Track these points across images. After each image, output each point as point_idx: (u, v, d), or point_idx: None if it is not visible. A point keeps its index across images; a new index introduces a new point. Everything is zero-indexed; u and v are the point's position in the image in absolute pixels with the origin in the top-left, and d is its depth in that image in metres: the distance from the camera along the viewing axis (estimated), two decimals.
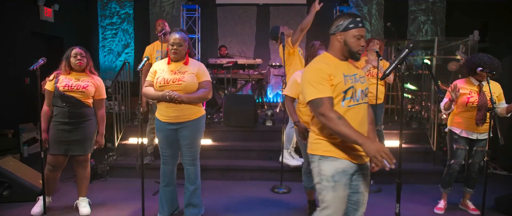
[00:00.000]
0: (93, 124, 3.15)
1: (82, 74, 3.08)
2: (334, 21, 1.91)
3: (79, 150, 3.07)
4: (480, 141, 3.17)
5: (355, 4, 7.60)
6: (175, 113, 2.71)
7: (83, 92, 3.02)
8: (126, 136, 4.91)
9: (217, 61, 6.22)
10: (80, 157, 3.12)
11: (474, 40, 5.22)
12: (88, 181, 3.27)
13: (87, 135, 3.08)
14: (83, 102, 3.04)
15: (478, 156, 3.20)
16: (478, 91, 3.09)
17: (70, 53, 3.04)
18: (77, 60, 3.01)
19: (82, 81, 3.04)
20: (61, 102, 2.98)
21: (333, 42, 1.92)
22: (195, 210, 2.95)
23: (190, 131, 2.77)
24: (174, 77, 2.68)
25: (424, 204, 3.54)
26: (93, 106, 3.14)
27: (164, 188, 2.97)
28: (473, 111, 3.09)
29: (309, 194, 3.20)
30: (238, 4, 7.79)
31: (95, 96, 3.13)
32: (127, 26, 7.88)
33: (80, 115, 3.03)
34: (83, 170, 3.19)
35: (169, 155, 2.89)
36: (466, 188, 3.33)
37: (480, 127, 3.10)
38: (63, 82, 2.99)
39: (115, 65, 7.87)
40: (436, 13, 7.55)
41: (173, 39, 2.69)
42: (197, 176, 2.91)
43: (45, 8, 6.04)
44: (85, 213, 3.17)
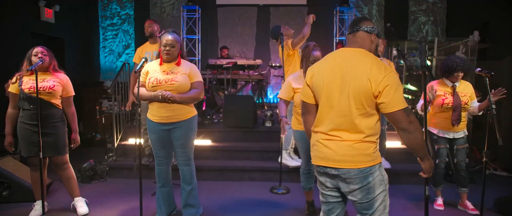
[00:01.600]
0: (63, 125, 3.03)
1: (46, 73, 2.96)
2: (366, 20, 1.83)
3: (52, 152, 2.97)
4: (457, 140, 3.28)
5: (355, 5, 7.60)
6: (167, 113, 2.71)
7: (50, 93, 2.91)
8: (126, 136, 4.92)
9: (217, 62, 6.22)
10: (56, 159, 3.02)
11: (474, 40, 5.21)
12: (74, 181, 3.18)
13: (58, 136, 2.97)
14: (51, 103, 2.94)
15: (461, 154, 3.29)
16: (452, 92, 3.19)
17: (31, 52, 2.92)
18: (38, 58, 2.87)
19: (47, 81, 2.91)
20: (28, 104, 2.85)
21: (366, 40, 1.81)
22: (193, 210, 2.95)
23: (182, 131, 2.77)
24: (167, 78, 2.69)
25: (423, 203, 3.52)
26: (62, 105, 3.03)
27: (160, 189, 2.98)
28: (449, 111, 3.19)
29: (307, 194, 3.20)
30: (238, 5, 7.80)
31: (63, 95, 3.01)
32: (128, 27, 7.90)
33: (49, 116, 2.92)
34: (64, 171, 3.10)
35: (163, 155, 2.90)
36: (460, 188, 3.37)
37: (456, 126, 3.21)
38: (27, 84, 2.86)
39: (115, 65, 7.89)
40: (436, 13, 7.55)
41: (165, 40, 2.70)
42: (192, 176, 2.91)
43: (46, 9, 6.06)
44: (83, 212, 3.15)
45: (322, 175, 1.86)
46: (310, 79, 1.85)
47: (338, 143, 1.74)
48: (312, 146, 1.87)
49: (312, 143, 1.87)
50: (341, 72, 1.74)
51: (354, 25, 1.83)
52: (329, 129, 1.76)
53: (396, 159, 4.41)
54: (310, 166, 3.03)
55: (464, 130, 3.30)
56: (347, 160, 1.73)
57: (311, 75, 1.85)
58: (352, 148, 1.72)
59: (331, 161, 1.76)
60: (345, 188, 1.79)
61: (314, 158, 1.86)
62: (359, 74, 1.69)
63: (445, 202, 3.46)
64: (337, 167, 1.75)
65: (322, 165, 1.80)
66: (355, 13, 7.53)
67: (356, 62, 1.73)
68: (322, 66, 1.84)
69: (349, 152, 1.73)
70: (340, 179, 1.78)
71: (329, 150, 1.76)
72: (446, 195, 3.52)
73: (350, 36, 1.85)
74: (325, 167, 1.79)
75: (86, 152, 5.27)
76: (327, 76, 1.78)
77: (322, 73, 1.80)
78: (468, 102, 3.20)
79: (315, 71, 1.84)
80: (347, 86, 1.71)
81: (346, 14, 7.53)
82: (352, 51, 1.80)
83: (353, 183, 1.75)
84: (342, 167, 1.74)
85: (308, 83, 1.87)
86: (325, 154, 1.78)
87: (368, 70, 1.68)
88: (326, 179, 1.85)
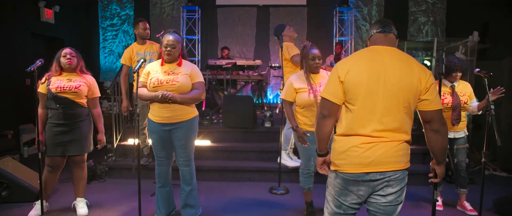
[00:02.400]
0: (88, 124, 3.14)
1: (73, 74, 3.07)
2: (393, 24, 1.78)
3: (75, 150, 3.06)
4: (458, 140, 3.28)
5: (355, 5, 7.60)
6: (168, 113, 2.72)
7: (76, 92, 3.01)
8: (125, 137, 4.92)
9: (217, 62, 6.23)
10: (76, 158, 3.11)
11: (474, 41, 5.20)
12: (85, 182, 3.27)
13: (82, 135, 3.08)
14: (77, 102, 3.04)
15: (461, 154, 3.29)
16: (451, 92, 3.20)
17: (60, 53, 3.03)
18: (67, 59, 3.00)
19: (74, 82, 3.03)
20: (55, 104, 2.96)
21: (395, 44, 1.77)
22: (192, 210, 2.95)
23: (183, 132, 2.78)
24: (168, 78, 2.69)
25: (422, 204, 3.53)
26: (87, 106, 3.14)
27: (160, 189, 2.98)
28: (448, 111, 3.19)
29: (306, 195, 3.20)
30: (238, 5, 7.81)
31: (89, 95, 3.12)
32: (128, 28, 7.91)
33: (74, 115, 3.03)
34: (80, 170, 3.18)
35: (163, 156, 2.90)
36: (459, 189, 3.36)
37: (456, 126, 3.21)
38: (55, 84, 2.97)
39: (115, 66, 7.90)
40: (436, 14, 7.55)
41: (166, 40, 2.69)
42: (192, 177, 2.91)
43: (45, 9, 6.07)
44: (82, 213, 3.17)
45: (357, 184, 1.67)
46: (345, 76, 1.65)
47: (387, 144, 1.63)
48: (346, 152, 1.67)
49: (346, 149, 1.67)
50: (385, 69, 1.64)
51: (385, 26, 1.74)
52: (373, 130, 1.63)
53: None
54: (310, 166, 3.03)
55: (464, 130, 3.30)
56: (395, 161, 1.65)
57: (347, 71, 1.65)
58: (399, 148, 1.65)
59: (378, 165, 1.63)
60: (380, 192, 1.67)
61: (354, 166, 1.65)
62: (407, 72, 1.64)
63: (444, 202, 3.46)
64: (384, 170, 1.63)
65: (367, 171, 1.64)
66: (355, 14, 7.54)
67: (400, 60, 1.66)
68: (357, 61, 1.68)
69: (397, 153, 1.64)
70: (379, 183, 1.66)
71: (376, 153, 1.62)
72: (445, 196, 3.52)
73: (381, 35, 1.73)
74: (368, 174, 1.64)
75: None
76: (365, 72, 1.64)
77: (359, 69, 1.65)
78: (468, 101, 3.22)
79: (350, 67, 1.66)
80: (392, 84, 1.62)
81: (346, 15, 7.53)
82: (390, 49, 1.71)
83: (394, 186, 1.67)
84: (389, 170, 1.64)
85: (342, 80, 1.65)
86: (371, 159, 1.62)
87: (415, 68, 1.65)
88: (359, 188, 1.68)
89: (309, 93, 2.87)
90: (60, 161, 3.08)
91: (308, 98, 2.86)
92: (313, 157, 3.00)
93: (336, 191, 1.74)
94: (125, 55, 4.07)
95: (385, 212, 1.70)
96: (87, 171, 4.10)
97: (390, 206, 1.69)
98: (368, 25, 7.70)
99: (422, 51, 7.39)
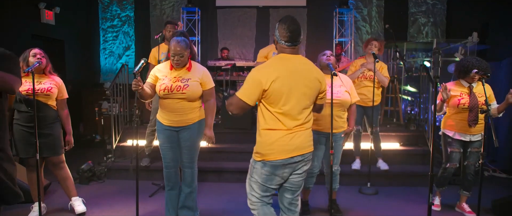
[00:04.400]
0: (59, 125, 3.07)
1: (42, 76, 2.99)
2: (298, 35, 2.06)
3: (49, 152, 3.00)
4: (473, 143, 3.18)
5: (355, 6, 7.60)
6: (178, 117, 2.72)
7: (48, 95, 2.94)
8: (124, 138, 4.94)
9: (216, 63, 6.24)
10: (53, 159, 3.05)
11: (473, 42, 5.20)
12: (71, 180, 3.20)
13: (55, 137, 3.01)
14: (48, 105, 2.97)
15: (473, 157, 3.20)
16: (469, 92, 3.13)
17: (28, 53, 2.92)
18: (37, 59, 2.88)
19: (44, 84, 2.95)
20: (26, 106, 2.86)
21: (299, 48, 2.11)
22: (190, 212, 2.94)
23: (191, 133, 2.77)
24: (178, 85, 2.63)
25: (421, 205, 3.52)
26: (56, 108, 3.07)
27: (169, 192, 2.93)
28: (465, 112, 3.11)
29: (304, 193, 3.22)
30: (238, 7, 7.81)
31: (58, 97, 3.05)
32: (128, 29, 7.93)
33: (45, 118, 2.96)
34: (61, 171, 3.12)
35: (170, 158, 2.87)
36: (462, 191, 3.33)
37: (472, 128, 3.11)
38: (24, 86, 2.86)
39: (115, 67, 7.91)
40: (436, 15, 7.54)
41: (173, 49, 2.57)
42: (193, 179, 2.90)
43: (46, 11, 6.09)
44: (80, 211, 3.16)
45: (283, 167, 2.03)
46: (270, 85, 1.95)
47: (303, 132, 2.05)
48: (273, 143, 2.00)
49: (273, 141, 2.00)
50: (297, 75, 1.99)
51: (297, 38, 2.01)
52: (293, 126, 2.00)
53: (394, 161, 4.40)
54: (313, 167, 3.03)
55: (482, 132, 3.14)
56: (309, 145, 2.08)
57: (272, 81, 1.94)
58: (309, 134, 2.09)
59: (299, 149, 2.02)
60: (298, 171, 2.08)
61: (282, 153, 1.99)
62: (312, 76, 2.04)
63: (442, 203, 3.45)
64: (304, 153, 2.05)
65: (292, 156, 2.00)
66: (354, 15, 7.54)
67: (306, 66, 2.04)
68: (275, 70, 1.97)
69: (310, 138, 2.09)
70: (299, 163, 2.06)
71: (297, 141, 2.01)
72: (444, 196, 3.50)
73: (293, 47, 2.02)
74: (293, 157, 2.01)
75: (85, 153, 5.28)
76: (284, 78, 1.96)
77: (279, 76, 1.95)
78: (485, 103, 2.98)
79: (274, 76, 1.94)
80: (304, 85, 2.01)
81: (346, 16, 7.53)
82: (298, 57, 2.07)
83: (307, 164, 2.11)
84: (306, 152, 2.07)
85: (265, 88, 1.96)
86: (295, 146, 2.00)
87: (314, 72, 2.06)
88: (284, 171, 2.04)
89: None
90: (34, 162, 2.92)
91: None
92: (317, 157, 3.01)
93: (262, 178, 2.06)
94: (152, 54, 4.12)
95: (298, 185, 2.13)
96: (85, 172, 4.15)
97: (302, 179, 2.13)
98: (368, 26, 7.70)
99: (422, 52, 7.39)
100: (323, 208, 3.43)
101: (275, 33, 2.05)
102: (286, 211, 2.17)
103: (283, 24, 1.99)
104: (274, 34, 2.07)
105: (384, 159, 4.26)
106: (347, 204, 3.51)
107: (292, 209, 2.16)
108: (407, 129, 5.12)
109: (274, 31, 2.07)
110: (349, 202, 3.57)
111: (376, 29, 7.67)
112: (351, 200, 3.68)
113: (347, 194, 3.82)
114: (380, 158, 4.25)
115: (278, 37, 2.03)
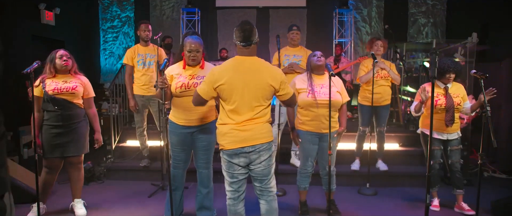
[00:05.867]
0: (86, 124, 3.15)
1: (68, 75, 3.07)
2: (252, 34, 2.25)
3: (73, 151, 3.07)
4: (451, 141, 3.30)
5: (355, 7, 7.60)
6: (194, 116, 2.73)
7: (73, 93, 3.02)
8: (124, 138, 4.94)
9: (216, 64, 6.20)
10: (73, 159, 3.12)
11: (473, 42, 5.19)
12: (82, 183, 3.27)
13: (80, 136, 3.09)
14: (74, 103, 3.05)
15: (455, 155, 3.30)
16: (445, 93, 3.22)
17: (55, 55, 3.02)
18: (63, 60, 3.00)
19: (70, 83, 3.03)
20: (52, 105, 2.96)
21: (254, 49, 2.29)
22: (208, 213, 2.95)
23: (207, 133, 2.78)
24: (194, 82, 2.68)
25: (420, 205, 3.52)
26: (83, 106, 3.14)
27: (172, 192, 2.90)
28: (442, 113, 3.22)
29: (301, 194, 3.24)
30: (238, 7, 7.82)
31: (84, 96, 3.13)
32: (128, 29, 7.94)
33: (72, 116, 3.04)
34: (77, 171, 3.19)
35: (181, 159, 2.87)
36: (455, 190, 3.37)
37: (449, 127, 3.23)
38: (51, 86, 2.97)
39: (115, 68, 7.92)
40: (436, 15, 7.54)
41: (189, 46, 2.65)
42: (210, 180, 2.92)
43: (46, 11, 6.10)
44: (81, 214, 3.18)
45: (237, 156, 2.27)
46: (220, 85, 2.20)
47: (254, 126, 2.26)
48: (226, 134, 2.26)
49: (225, 132, 2.27)
50: (248, 75, 2.20)
51: (250, 38, 2.21)
52: (243, 120, 2.24)
53: (394, 161, 4.40)
54: (307, 166, 3.08)
55: (458, 131, 3.32)
56: (261, 137, 2.27)
57: (221, 82, 2.19)
58: (263, 127, 2.29)
59: (249, 140, 2.23)
60: (256, 161, 2.28)
61: (233, 143, 2.24)
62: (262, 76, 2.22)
63: (441, 204, 3.45)
64: (254, 144, 2.25)
65: (242, 146, 2.24)
66: (354, 15, 7.54)
67: (257, 67, 2.24)
68: (227, 71, 2.21)
69: (262, 130, 2.28)
70: (252, 153, 2.26)
71: (246, 133, 2.24)
72: (443, 197, 3.50)
73: (243, 48, 2.24)
74: (243, 148, 2.25)
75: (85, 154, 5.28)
76: (235, 79, 2.19)
77: (230, 78, 2.19)
78: (461, 103, 3.24)
79: (224, 77, 2.19)
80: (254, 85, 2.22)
81: (346, 16, 7.52)
82: (251, 59, 2.27)
83: (264, 155, 2.29)
84: (257, 143, 2.26)
85: (215, 87, 2.22)
86: (243, 137, 2.23)
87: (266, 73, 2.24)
88: (239, 160, 2.28)
89: (308, 94, 2.89)
90: (58, 163, 3.09)
91: (307, 98, 2.90)
92: (310, 157, 3.04)
93: (225, 166, 2.35)
94: (127, 55, 4.09)
95: (263, 174, 2.33)
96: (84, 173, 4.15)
97: (265, 169, 2.31)
98: (368, 26, 7.70)
99: (421, 53, 7.38)
100: (321, 209, 3.43)
101: (233, 37, 2.25)
102: (260, 197, 2.41)
103: (238, 26, 2.22)
104: (233, 39, 2.25)
105: (384, 159, 4.25)
106: (346, 204, 3.51)
107: (264, 195, 2.38)
108: (406, 129, 5.12)
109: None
110: (348, 203, 3.57)
111: (376, 30, 7.67)
112: (350, 200, 3.68)
113: (346, 194, 3.82)
114: (380, 158, 4.25)
115: (234, 38, 2.24)
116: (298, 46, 4.08)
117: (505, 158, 4.79)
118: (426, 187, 2.18)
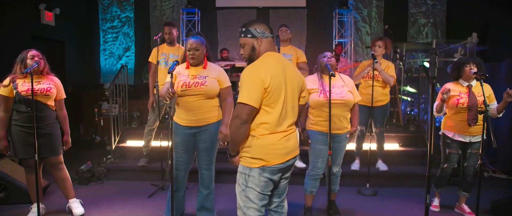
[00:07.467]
0: (58, 125, 3.09)
1: (40, 76, 3.00)
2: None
3: (49, 152, 3.00)
4: (473, 144, 3.18)
5: (354, 7, 7.60)
6: (196, 116, 2.73)
7: (47, 95, 2.96)
8: (124, 138, 4.94)
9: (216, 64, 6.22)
10: (52, 159, 3.05)
11: (472, 42, 5.20)
12: (69, 182, 3.20)
13: (55, 136, 3.03)
14: (47, 105, 2.99)
15: (472, 159, 3.20)
16: (468, 92, 3.12)
17: (26, 54, 2.93)
18: (34, 61, 2.89)
19: (43, 84, 2.96)
20: (25, 107, 2.87)
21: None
22: (208, 213, 2.94)
23: (209, 134, 2.78)
24: (195, 82, 2.68)
25: (420, 206, 3.51)
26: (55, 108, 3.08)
27: (174, 194, 2.91)
28: (464, 112, 3.11)
29: (308, 198, 3.14)
30: (238, 8, 7.82)
31: (57, 97, 3.07)
32: (128, 30, 7.94)
33: (45, 118, 2.97)
34: (59, 172, 3.12)
35: (183, 160, 2.87)
36: (461, 192, 3.33)
37: (472, 128, 3.10)
38: (23, 86, 2.88)
39: (115, 68, 7.92)
40: (436, 15, 7.53)
41: (189, 44, 2.68)
42: (211, 181, 2.91)
43: (46, 12, 6.10)
44: (78, 213, 3.16)
45: (280, 172, 1.93)
46: (270, 82, 1.82)
47: (293, 134, 1.98)
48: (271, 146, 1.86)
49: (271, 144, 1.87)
50: (288, 74, 1.92)
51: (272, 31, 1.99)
52: (287, 125, 1.92)
53: (394, 162, 4.39)
54: (317, 169, 2.99)
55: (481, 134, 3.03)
56: (298, 147, 2.01)
57: (270, 77, 1.82)
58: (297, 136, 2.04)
59: (293, 152, 1.95)
60: (286, 174, 2.02)
61: (279, 157, 1.88)
62: (297, 74, 2.00)
63: (441, 204, 3.45)
64: (295, 155, 1.97)
65: (287, 159, 1.92)
66: (354, 15, 7.54)
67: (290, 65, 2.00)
68: (272, 67, 1.85)
69: (297, 140, 2.04)
70: (290, 167, 2.00)
71: (290, 143, 1.94)
72: (443, 197, 3.50)
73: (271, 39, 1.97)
74: (288, 161, 1.94)
75: (85, 154, 5.29)
76: (281, 76, 1.87)
77: (277, 74, 1.85)
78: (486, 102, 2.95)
79: (271, 73, 1.83)
80: (292, 85, 1.95)
81: (346, 16, 7.52)
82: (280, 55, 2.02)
83: (293, 167, 2.04)
84: (296, 154, 1.99)
85: (266, 86, 1.82)
86: (289, 149, 1.93)
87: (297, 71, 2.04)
88: (278, 175, 1.94)
89: (319, 94, 2.89)
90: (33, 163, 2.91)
91: (319, 98, 2.88)
92: (321, 158, 2.97)
93: (261, 186, 1.89)
94: (152, 53, 4.14)
95: (285, 188, 2.07)
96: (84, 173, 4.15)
97: (287, 182, 2.07)
98: (367, 26, 7.70)
99: (421, 53, 7.39)
100: (321, 209, 3.42)
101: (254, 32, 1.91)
102: (273, 213, 2.10)
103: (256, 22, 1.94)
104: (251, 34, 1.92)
105: (384, 160, 4.25)
106: (346, 205, 3.51)
107: (278, 211, 2.10)
108: (406, 129, 5.12)
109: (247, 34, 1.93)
110: (347, 203, 3.57)
111: (376, 30, 7.67)
112: (350, 201, 3.67)
113: (346, 195, 3.82)
114: (380, 159, 4.25)
115: (261, 33, 1.91)
116: (289, 45, 4.09)
117: (505, 158, 4.79)
118: (426, 187, 2.17)
